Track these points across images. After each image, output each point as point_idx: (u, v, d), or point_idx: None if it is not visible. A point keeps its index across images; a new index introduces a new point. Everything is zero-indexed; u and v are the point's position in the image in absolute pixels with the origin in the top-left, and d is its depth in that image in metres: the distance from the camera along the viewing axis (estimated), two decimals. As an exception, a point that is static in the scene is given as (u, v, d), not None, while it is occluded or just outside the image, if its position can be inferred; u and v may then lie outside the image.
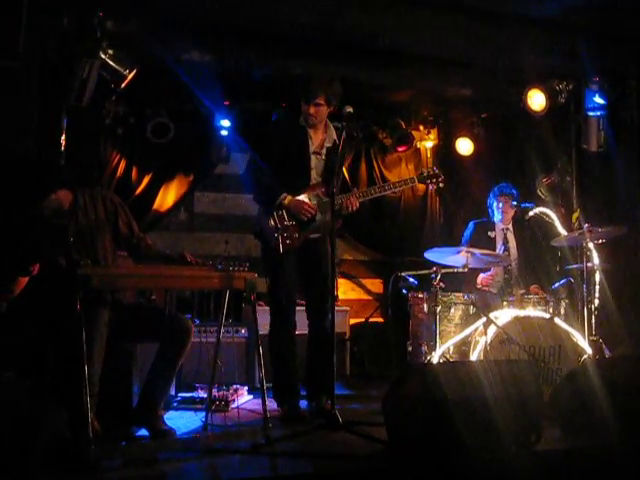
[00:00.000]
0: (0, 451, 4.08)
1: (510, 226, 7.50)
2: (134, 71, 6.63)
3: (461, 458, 4.20)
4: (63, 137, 6.43)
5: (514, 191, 7.42)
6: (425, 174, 6.35)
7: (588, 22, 6.89)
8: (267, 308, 6.33)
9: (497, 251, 7.28)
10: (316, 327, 5.92)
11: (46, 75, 6.00)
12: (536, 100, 7.55)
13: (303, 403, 5.96)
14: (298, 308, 6.00)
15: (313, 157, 5.91)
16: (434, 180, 6.33)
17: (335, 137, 5.91)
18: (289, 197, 5.77)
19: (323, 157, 5.94)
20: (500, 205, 7.37)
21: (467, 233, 7.58)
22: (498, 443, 4.32)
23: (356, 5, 6.52)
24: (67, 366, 4.72)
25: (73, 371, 4.56)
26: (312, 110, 5.78)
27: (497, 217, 7.47)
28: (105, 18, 6.14)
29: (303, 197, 5.82)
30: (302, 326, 6.05)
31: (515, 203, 7.28)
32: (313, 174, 5.91)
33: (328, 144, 5.93)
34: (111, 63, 6.43)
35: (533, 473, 4.30)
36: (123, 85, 6.72)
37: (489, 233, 7.45)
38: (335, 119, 5.87)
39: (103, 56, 6.31)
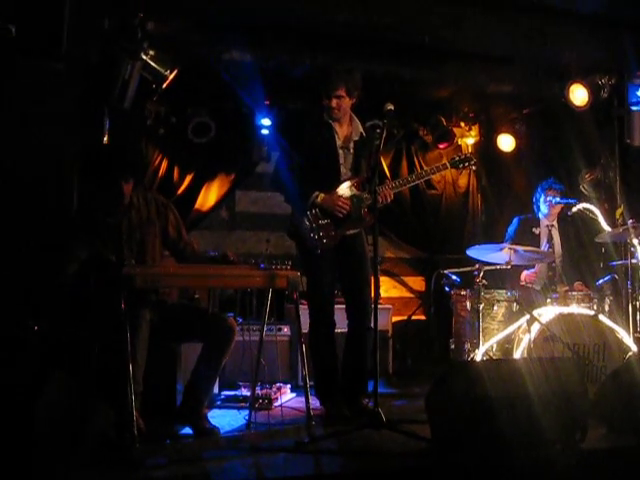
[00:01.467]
0: (48, 449, 4.13)
1: (555, 222, 7.45)
2: (175, 71, 6.65)
3: (505, 456, 4.18)
4: (106, 138, 6.48)
5: (562, 187, 7.37)
6: (457, 159, 6.25)
7: (631, 16, 6.83)
8: (309, 307, 6.36)
9: (541, 248, 7.23)
10: (356, 325, 5.90)
11: (89, 76, 6.06)
12: (578, 95, 7.47)
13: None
14: (337, 306, 5.99)
15: (341, 152, 5.87)
16: (467, 164, 6.24)
17: (361, 129, 5.89)
18: (322, 195, 5.73)
19: (351, 151, 5.90)
20: (549, 199, 7.31)
21: (511, 229, 7.54)
22: (543, 441, 4.29)
23: (400, 2, 6.50)
24: (112, 365, 4.77)
25: (118, 370, 4.60)
26: (334, 103, 5.73)
27: (543, 212, 7.41)
28: (146, 19, 6.18)
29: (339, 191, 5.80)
30: (340, 323, 6.03)
31: (559, 200, 7.22)
32: (342, 169, 5.88)
33: (355, 137, 5.90)
34: (152, 64, 6.46)
35: (578, 471, 4.27)
36: (164, 85, 6.75)
37: (533, 229, 7.41)
38: (375, 116, 5.83)
39: (144, 57, 6.34)
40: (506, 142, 9.33)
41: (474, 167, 6.39)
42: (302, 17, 6.38)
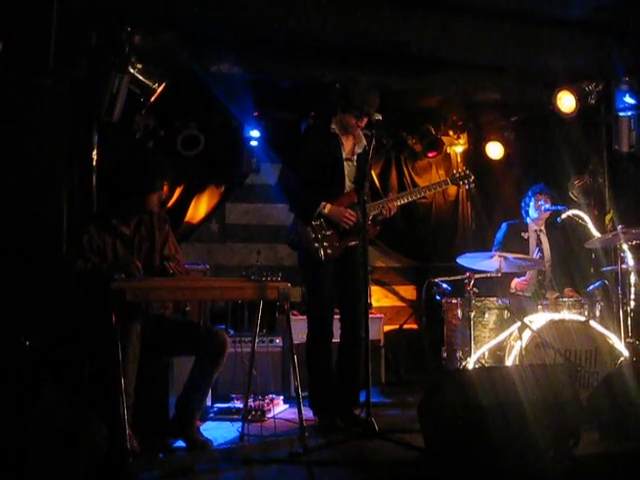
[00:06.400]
0: (41, 465, 4.12)
1: (543, 227, 7.46)
2: (163, 84, 6.66)
3: (498, 464, 4.18)
4: (95, 152, 6.48)
5: (552, 192, 7.39)
6: (457, 175, 6.38)
7: (617, 21, 6.86)
8: (301, 317, 6.35)
9: (532, 254, 7.25)
10: (351, 335, 5.89)
11: (76, 91, 6.05)
12: (566, 102, 7.48)
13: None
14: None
15: (345, 164, 5.90)
16: (465, 181, 6.35)
17: (365, 142, 5.92)
18: (329, 206, 5.75)
19: (354, 163, 5.94)
20: (540, 204, 7.32)
21: (500, 234, 7.55)
22: (536, 448, 4.29)
23: (386, 14, 6.52)
24: (103, 379, 4.77)
25: (109, 384, 4.60)
26: (364, 122, 5.77)
27: (532, 216, 7.41)
28: (133, 33, 6.18)
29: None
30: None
31: (549, 207, 7.24)
32: (346, 181, 5.91)
33: (358, 150, 5.94)
34: (140, 77, 6.46)
35: (572, 477, 4.28)
36: (152, 99, 6.75)
37: (522, 234, 7.41)
38: (364, 127, 5.86)
39: (132, 71, 6.34)
40: (495, 150, 9.35)
41: (473, 185, 6.44)
42: (288, 29, 6.38)
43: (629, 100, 7.36)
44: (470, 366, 6.43)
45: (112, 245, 5.21)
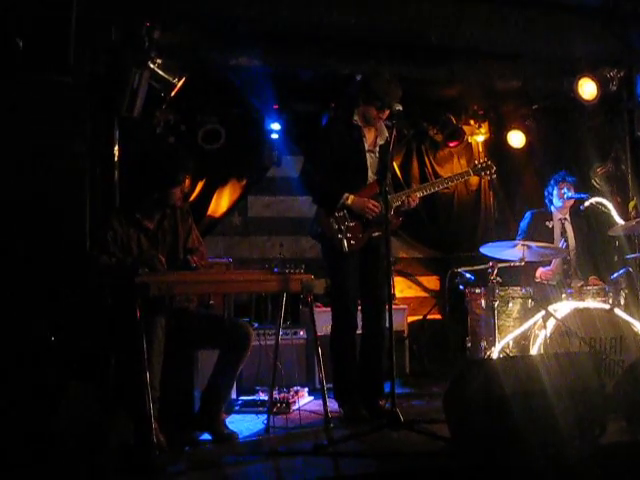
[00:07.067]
0: (68, 458, 4.15)
1: (567, 216, 7.43)
2: (183, 79, 6.67)
3: (523, 453, 4.17)
4: (116, 148, 6.51)
5: (575, 179, 7.35)
6: (479, 166, 6.36)
7: (638, 7, 6.81)
8: (324, 310, 6.35)
9: (557, 243, 7.21)
10: (373, 326, 5.90)
11: (97, 88, 6.08)
12: (587, 89, 7.44)
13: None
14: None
15: (368, 155, 5.90)
16: (487, 171, 6.33)
17: (387, 134, 5.91)
18: (352, 197, 5.74)
19: (377, 155, 5.93)
20: (563, 192, 7.28)
21: (524, 223, 7.51)
22: (561, 437, 4.28)
23: (405, 4, 6.51)
24: (129, 373, 4.79)
25: (135, 378, 4.63)
26: (385, 114, 5.78)
27: (557, 205, 7.37)
28: (152, 28, 6.19)
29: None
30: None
31: (572, 195, 7.20)
32: (369, 172, 5.90)
33: (380, 141, 5.93)
34: (160, 72, 6.47)
35: (597, 466, 4.26)
36: (173, 93, 6.76)
37: (547, 223, 7.38)
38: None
39: (152, 66, 6.35)
40: (516, 138, 9.31)
41: (494, 176, 6.42)
42: (309, 22, 6.38)
43: (651, 86, 7.32)
44: (494, 356, 6.41)
45: (137, 240, 5.23)
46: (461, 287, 7.54)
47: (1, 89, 5.48)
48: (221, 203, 8.71)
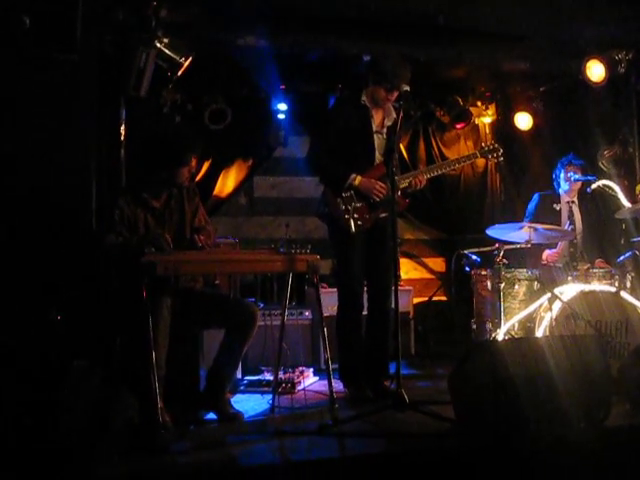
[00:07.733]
0: (73, 437, 4.16)
1: (575, 199, 7.41)
2: (190, 58, 6.66)
3: (528, 435, 4.18)
4: (123, 127, 6.50)
5: (582, 162, 7.33)
6: (486, 148, 6.34)
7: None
8: (330, 290, 6.34)
9: (564, 225, 7.20)
10: (378, 307, 5.91)
11: (104, 67, 6.07)
12: (595, 71, 7.40)
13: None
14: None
15: (375, 136, 5.88)
16: (494, 154, 6.31)
17: (394, 115, 5.89)
18: (359, 177, 5.72)
19: (384, 136, 5.91)
20: (569, 175, 7.26)
21: (532, 205, 7.50)
22: (566, 419, 4.28)
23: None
24: (134, 352, 4.80)
25: (140, 357, 4.64)
26: (394, 95, 5.75)
27: (564, 188, 7.36)
28: (159, 7, 6.17)
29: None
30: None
31: (579, 177, 7.19)
32: (376, 154, 5.89)
33: (388, 123, 5.90)
34: (167, 51, 6.46)
35: (602, 449, 4.26)
36: (179, 73, 6.76)
37: (554, 205, 7.36)
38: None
39: (159, 45, 6.34)
40: (523, 120, 9.28)
41: (502, 158, 6.40)
42: (314, 1, 6.36)
43: (659, 68, 7.29)
44: (500, 337, 6.42)
45: (144, 219, 5.23)
46: (467, 269, 7.54)
47: (7, 66, 5.46)
48: (227, 183, 8.71)
